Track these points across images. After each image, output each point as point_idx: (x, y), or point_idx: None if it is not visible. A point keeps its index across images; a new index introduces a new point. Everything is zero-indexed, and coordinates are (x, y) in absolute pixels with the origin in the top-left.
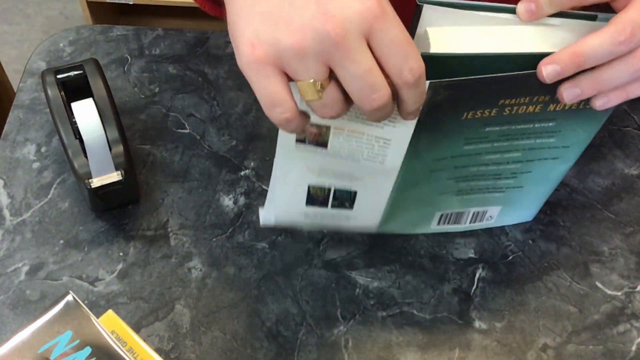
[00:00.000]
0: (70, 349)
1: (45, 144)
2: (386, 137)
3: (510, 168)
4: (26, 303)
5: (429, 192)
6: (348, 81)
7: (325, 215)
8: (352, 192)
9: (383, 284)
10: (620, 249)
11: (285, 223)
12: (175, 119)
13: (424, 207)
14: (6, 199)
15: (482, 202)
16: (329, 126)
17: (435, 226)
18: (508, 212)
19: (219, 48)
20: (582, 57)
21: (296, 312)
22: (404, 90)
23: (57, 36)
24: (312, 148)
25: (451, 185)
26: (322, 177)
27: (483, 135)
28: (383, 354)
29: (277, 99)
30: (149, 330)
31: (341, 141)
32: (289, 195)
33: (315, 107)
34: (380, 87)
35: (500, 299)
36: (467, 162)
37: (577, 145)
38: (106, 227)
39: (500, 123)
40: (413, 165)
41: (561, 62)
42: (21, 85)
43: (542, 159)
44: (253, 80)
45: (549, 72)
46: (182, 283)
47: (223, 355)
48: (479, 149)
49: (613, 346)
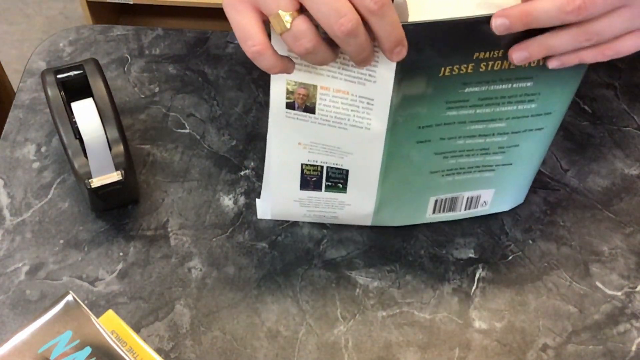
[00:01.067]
0: (70, 349)
1: (45, 144)
2: (369, 96)
3: (497, 141)
4: (26, 303)
5: (418, 169)
6: (315, 9)
7: (320, 201)
8: (344, 170)
9: (383, 284)
10: (620, 249)
11: (281, 214)
12: (175, 119)
13: (417, 190)
14: (6, 199)
15: (474, 185)
16: (315, 85)
17: (431, 215)
18: (501, 195)
19: (219, 48)
20: (530, 16)
21: (296, 312)
22: (372, 19)
23: (57, 36)
24: (301, 115)
25: (440, 162)
26: (313, 153)
27: (464, 97)
28: (383, 354)
29: (248, 32)
30: (149, 330)
31: (327, 103)
32: (283, 177)
33: (288, 40)
34: (346, 12)
35: (500, 299)
36: (453, 132)
37: (559, 111)
38: (106, 227)
39: (479, 82)
40: (398, 133)
41: (510, 17)
42: (21, 85)
43: (527, 130)
44: (230, 18)
45: (497, 25)
46: (182, 283)
47: (223, 355)
48: (461, 115)
49: (613, 346)
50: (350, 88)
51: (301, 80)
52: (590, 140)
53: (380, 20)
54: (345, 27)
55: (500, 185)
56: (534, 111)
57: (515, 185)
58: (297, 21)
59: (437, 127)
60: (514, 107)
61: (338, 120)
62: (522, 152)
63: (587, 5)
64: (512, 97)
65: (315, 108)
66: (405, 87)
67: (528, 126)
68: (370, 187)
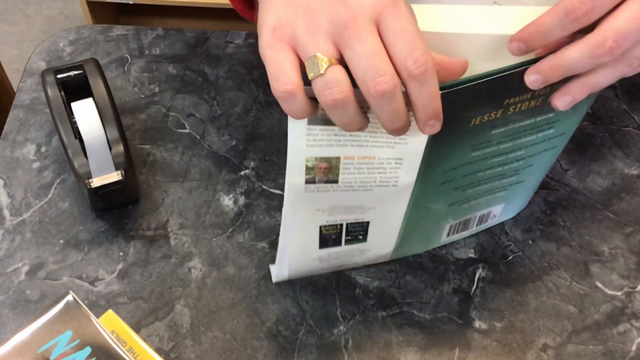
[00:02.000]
0: (70, 349)
1: (45, 144)
2: (398, 156)
3: (514, 166)
4: (26, 303)
5: (440, 206)
6: (354, 61)
7: (339, 254)
8: (365, 222)
9: (383, 284)
10: (620, 249)
11: (299, 273)
12: (175, 119)
13: (436, 222)
14: (6, 199)
15: (486, 205)
16: (338, 157)
17: (445, 238)
18: (508, 207)
19: (219, 48)
20: (562, 68)
21: (296, 312)
22: (411, 84)
23: (57, 36)
24: (322, 187)
25: (459, 194)
26: (333, 215)
27: (489, 138)
28: (383, 354)
29: (283, 70)
30: (149, 330)
31: (352, 171)
32: (301, 242)
33: (318, 86)
34: (385, 71)
35: (500, 299)
36: (475, 168)
37: (571, 130)
38: (106, 227)
39: (505, 123)
40: (425, 180)
41: (543, 72)
42: (21, 85)
43: (542, 151)
44: (266, 56)
45: (532, 82)
46: (182, 283)
47: (223, 355)
48: (485, 153)
49: (613, 346)
50: (377, 153)
51: (323, 155)
52: (590, 140)
53: (419, 88)
54: (381, 86)
55: (510, 199)
56: (551, 135)
57: (523, 196)
58: (332, 68)
59: (461, 168)
60: (534, 136)
61: (363, 184)
62: (533, 170)
63: (620, 44)
64: (534, 128)
65: (339, 178)
66: (437, 142)
67: (543, 148)
68: (391, 233)
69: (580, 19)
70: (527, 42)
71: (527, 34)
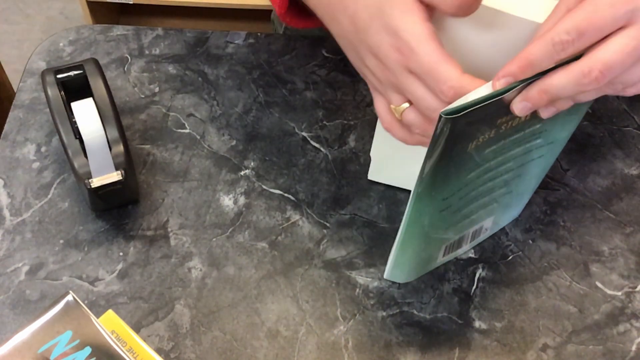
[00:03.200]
0: (70, 349)
1: (45, 144)
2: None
3: (504, 179)
4: (26, 303)
5: (434, 230)
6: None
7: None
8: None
9: (383, 284)
10: (620, 249)
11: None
12: (175, 119)
13: (430, 250)
14: (6, 198)
15: (477, 221)
16: None
17: (441, 259)
18: (499, 218)
19: (219, 48)
20: (549, 94)
21: (296, 312)
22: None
23: (57, 36)
24: None
25: (454, 217)
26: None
27: (483, 158)
28: (383, 354)
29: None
30: (149, 330)
31: None
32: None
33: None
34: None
35: (500, 299)
36: (469, 189)
37: (561, 139)
38: (106, 227)
39: (497, 141)
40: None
41: (531, 100)
42: (21, 85)
43: (530, 160)
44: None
45: (521, 109)
46: (182, 283)
47: (223, 355)
48: (478, 172)
49: (613, 346)
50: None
51: None
52: (590, 140)
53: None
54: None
55: (499, 211)
56: (538, 145)
57: (513, 206)
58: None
59: (458, 192)
60: (522, 147)
61: None
62: (523, 179)
63: (606, 75)
64: (522, 140)
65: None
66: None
67: (531, 157)
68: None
69: (567, 49)
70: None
71: (516, 67)
